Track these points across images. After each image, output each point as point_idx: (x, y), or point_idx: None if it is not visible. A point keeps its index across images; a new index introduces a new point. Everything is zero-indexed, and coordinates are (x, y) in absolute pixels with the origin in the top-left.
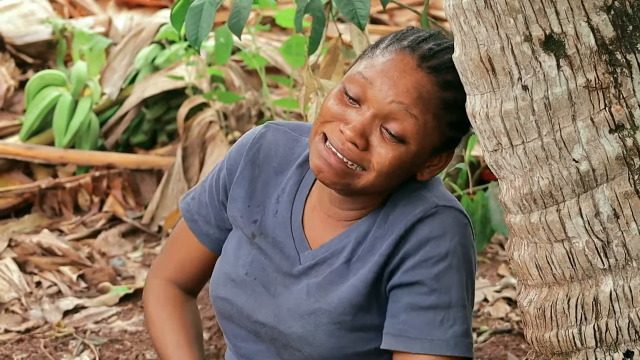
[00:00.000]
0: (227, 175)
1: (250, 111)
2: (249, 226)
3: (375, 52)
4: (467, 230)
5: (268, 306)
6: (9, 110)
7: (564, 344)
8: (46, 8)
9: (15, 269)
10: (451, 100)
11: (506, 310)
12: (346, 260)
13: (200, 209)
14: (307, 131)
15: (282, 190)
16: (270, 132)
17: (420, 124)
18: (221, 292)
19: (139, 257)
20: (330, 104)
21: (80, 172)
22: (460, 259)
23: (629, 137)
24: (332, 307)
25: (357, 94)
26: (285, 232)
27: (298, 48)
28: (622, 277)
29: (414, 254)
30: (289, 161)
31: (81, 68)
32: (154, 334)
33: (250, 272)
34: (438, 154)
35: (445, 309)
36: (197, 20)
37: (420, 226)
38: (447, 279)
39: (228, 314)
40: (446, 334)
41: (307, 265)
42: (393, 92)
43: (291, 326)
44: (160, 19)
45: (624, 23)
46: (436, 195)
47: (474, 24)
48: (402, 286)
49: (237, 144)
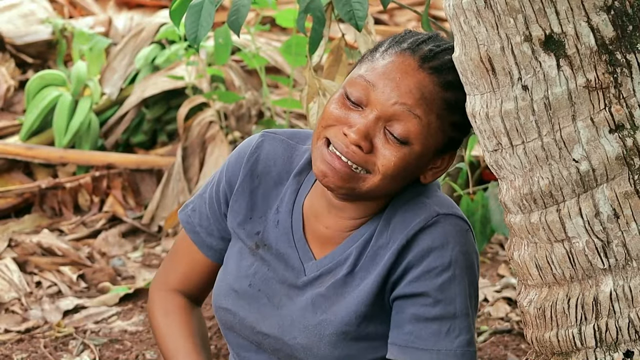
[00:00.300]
0: (227, 186)
1: (250, 111)
2: (251, 238)
3: (375, 56)
4: (469, 237)
5: (272, 317)
6: (9, 110)
7: (564, 344)
8: (46, 8)
9: (15, 269)
10: (453, 101)
11: (506, 310)
12: (350, 270)
13: (202, 221)
14: (303, 138)
15: (281, 201)
16: (267, 141)
17: (423, 124)
18: (224, 303)
19: (139, 257)
20: (332, 108)
21: (80, 172)
22: (462, 267)
23: (629, 137)
24: (337, 318)
25: (359, 97)
26: (288, 243)
27: (298, 48)
28: (622, 277)
29: (417, 265)
30: (288, 171)
31: (81, 68)
32: (162, 344)
33: (253, 284)
34: (441, 155)
35: (451, 319)
36: (197, 19)
37: (422, 236)
38: (451, 289)
39: (230, 324)
40: (453, 344)
41: (312, 276)
42: (396, 94)
43: (295, 337)
44: (160, 19)
45: (624, 23)
46: (436, 203)
47: (474, 24)
48: (406, 297)
49: (234, 154)
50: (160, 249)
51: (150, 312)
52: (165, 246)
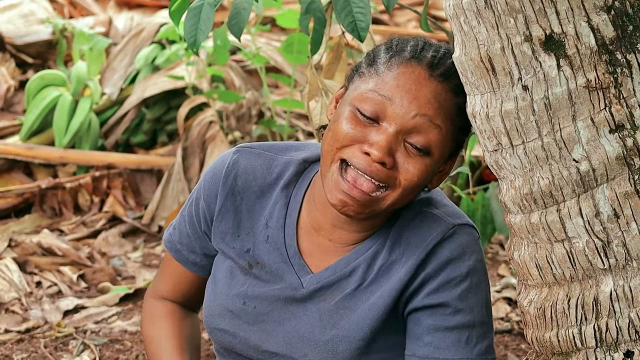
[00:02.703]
0: (205, 206)
1: (250, 111)
2: (242, 256)
3: (378, 69)
4: (480, 244)
5: (277, 334)
6: (9, 110)
7: (564, 344)
8: (46, 8)
9: (15, 269)
10: (463, 105)
11: (506, 310)
12: (358, 285)
13: (182, 239)
14: (282, 149)
15: (270, 215)
16: (243, 156)
17: (443, 133)
18: (219, 324)
19: (139, 257)
20: (345, 127)
21: (80, 172)
22: (479, 276)
23: (629, 137)
24: (350, 333)
25: (374, 112)
26: (281, 258)
27: (299, 46)
28: (622, 277)
29: (435, 277)
30: (269, 182)
31: (81, 68)
32: (148, 349)
33: (248, 302)
34: (447, 160)
35: (470, 328)
36: (196, 22)
37: (439, 249)
38: (470, 298)
39: (230, 345)
40: (472, 353)
41: (312, 289)
42: (415, 106)
43: (306, 354)
44: (160, 19)
45: (624, 23)
46: (448, 214)
47: (474, 24)
48: (425, 309)
49: (209, 172)
50: (160, 249)
51: (141, 319)
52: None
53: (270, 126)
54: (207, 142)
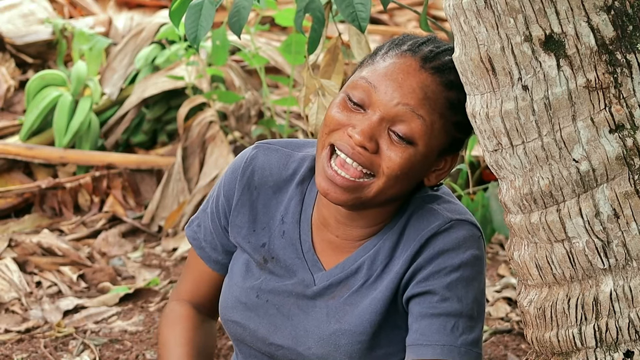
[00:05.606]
0: (224, 201)
1: (250, 111)
2: (258, 251)
3: (375, 59)
4: (480, 243)
5: (285, 328)
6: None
7: (564, 344)
8: (46, 8)
9: (15, 269)
10: (456, 100)
11: (506, 310)
12: (364, 281)
13: (206, 236)
14: (299, 145)
15: (286, 210)
16: (261, 152)
17: (427, 124)
18: (232, 315)
19: (139, 257)
20: (334, 112)
21: (80, 172)
22: (472, 271)
23: (629, 137)
24: (351, 328)
25: (361, 99)
26: (296, 254)
27: (298, 46)
28: (622, 277)
29: (426, 266)
30: (285, 178)
31: (81, 68)
32: (159, 353)
33: (261, 295)
34: (444, 157)
35: (456, 317)
36: (197, 19)
37: (434, 240)
38: (459, 289)
39: (241, 337)
40: (457, 341)
41: (322, 286)
42: (399, 94)
43: (310, 347)
44: (160, 19)
45: (624, 23)
46: (448, 209)
47: (474, 24)
48: (415, 297)
49: (229, 168)
50: (160, 249)
51: (159, 322)
52: (165, 246)
53: (270, 126)
54: (207, 142)
